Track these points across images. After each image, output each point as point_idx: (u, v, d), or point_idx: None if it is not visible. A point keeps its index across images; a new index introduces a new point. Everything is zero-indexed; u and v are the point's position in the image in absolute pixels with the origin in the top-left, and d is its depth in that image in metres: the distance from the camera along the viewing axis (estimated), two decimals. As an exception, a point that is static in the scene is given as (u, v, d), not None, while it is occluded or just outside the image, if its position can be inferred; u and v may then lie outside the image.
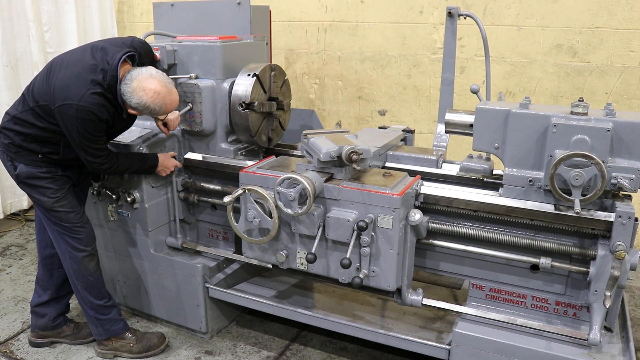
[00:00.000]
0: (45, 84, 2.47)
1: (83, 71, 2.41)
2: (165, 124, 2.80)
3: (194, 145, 3.09)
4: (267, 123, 3.05)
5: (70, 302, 3.07)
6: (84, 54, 2.50)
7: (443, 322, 2.75)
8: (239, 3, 3.49)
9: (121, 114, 2.55)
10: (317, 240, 2.35)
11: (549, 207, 2.26)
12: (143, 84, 2.43)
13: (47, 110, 2.47)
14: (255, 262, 2.84)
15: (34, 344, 3.00)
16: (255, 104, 2.85)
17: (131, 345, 2.90)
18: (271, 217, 2.38)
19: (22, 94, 2.61)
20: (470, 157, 2.72)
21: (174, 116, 2.82)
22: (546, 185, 2.22)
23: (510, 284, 2.45)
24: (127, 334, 2.91)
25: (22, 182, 2.65)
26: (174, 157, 2.93)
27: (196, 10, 3.60)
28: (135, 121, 2.82)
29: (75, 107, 2.37)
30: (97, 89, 2.40)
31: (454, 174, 2.68)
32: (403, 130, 3.20)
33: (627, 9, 3.77)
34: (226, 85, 2.95)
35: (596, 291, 2.17)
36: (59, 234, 2.72)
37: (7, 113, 2.64)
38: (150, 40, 3.00)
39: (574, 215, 2.15)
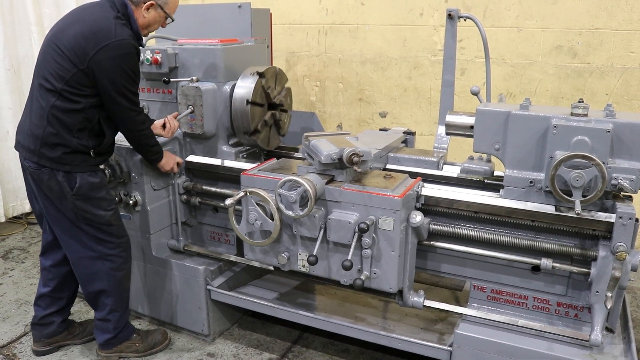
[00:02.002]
0: (59, 57, 2.38)
1: (99, 13, 2.42)
2: (164, 126, 2.82)
3: (196, 148, 3.10)
4: (268, 120, 3.07)
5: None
6: (82, 8, 2.51)
7: (444, 323, 2.75)
8: (239, 6, 3.50)
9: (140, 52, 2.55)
10: (318, 242, 2.36)
11: (549, 208, 2.26)
12: None
13: (78, 79, 2.37)
14: (256, 264, 2.85)
15: (41, 353, 2.94)
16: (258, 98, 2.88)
17: (137, 345, 2.91)
18: (272, 220, 2.39)
19: (37, 95, 2.46)
20: (471, 158, 2.73)
21: (173, 120, 2.84)
22: (547, 187, 2.22)
23: (512, 285, 2.45)
24: (133, 335, 2.92)
25: (81, 195, 2.51)
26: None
27: (197, 14, 3.62)
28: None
29: (113, 45, 2.35)
30: (122, 21, 2.44)
31: (455, 175, 2.69)
32: (404, 132, 3.21)
33: (627, 10, 3.77)
34: (227, 88, 2.96)
35: (597, 292, 2.17)
36: (102, 255, 2.64)
37: (31, 134, 2.45)
38: (151, 43, 3.02)
39: (575, 216, 2.15)
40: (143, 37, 2.64)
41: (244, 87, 2.90)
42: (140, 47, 2.56)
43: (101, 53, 2.35)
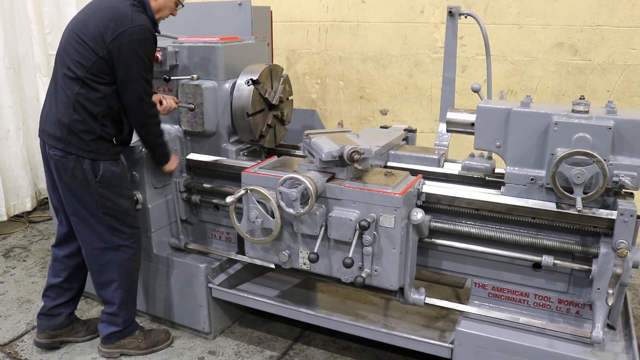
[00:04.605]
0: (81, 46, 2.45)
1: (117, 2, 2.49)
2: (160, 103, 2.82)
3: (196, 146, 3.10)
4: (272, 122, 3.06)
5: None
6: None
7: (446, 321, 2.75)
8: (240, 4, 3.50)
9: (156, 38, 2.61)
10: (319, 240, 2.36)
11: (550, 206, 2.26)
12: None
13: (99, 67, 2.45)
14: (257, 262, 2.85)
15: (43, 345, 2.95)
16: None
17: (139, 341, 2.92)
18: (273, 217, 2.39)
19: (62, 84, 2.50)
20: (472, 156, 2.73)
21: (170, 98, 2.85)
22: (548, 184, 2.22)
23: (513, 283, 2.45)
24: (136, 331, 2.94)
25: (104, 183, 2.58)
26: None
27: (198, 12, 3.61)
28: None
29: (130, 31, 2.42)
30: (138, 7, 2.50)
31: (456, 172, 2.69)
32: (405, 130, 3.20)
33: (628, 6, 3.76)
34: (228, 85, 2.96)
35: (599, 289, 2.17)
36: (114, 246, 2.69)
37: (57, 122, 2.50)
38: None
39: (576, 213, 2.15)
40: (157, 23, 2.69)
41: (242, 99, 2.89)
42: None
43: (119, 39, 2.42)
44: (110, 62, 2.45)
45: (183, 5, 2.74)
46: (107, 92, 2.50)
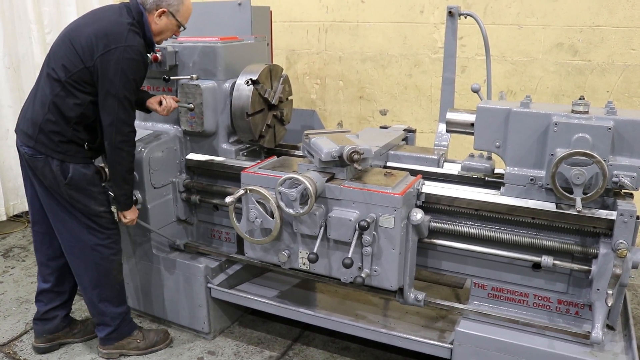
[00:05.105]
0: (70, 52, 2.45)
1: (114, 17, 2.49)
2: (160, 104, 2.81)
3: (196, 146, 3.10)
4: (271, 122, 3.06)
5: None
6: (102, 10, 2.59)
7: (445, 321, 2.75)
8: (239, 4, 3.50)
9: (148, 61, 2.61)
10: (318, 240, 2.35)
11: (550, 206, 2.26)
12: None
13: (82, 75, 2.44)
14: (257, 262, 2.85)
15: (42, 350, 2.94)
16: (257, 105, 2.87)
17: (138, 341, 2.91)
18: (273, 218, 2.39)
19: (43, 84, 2.52)
20: (472, 156, 2.73)
21: (170, 99, 2.83)
22: (547, 184, 2.22)
23: (513, 283, 2.45)
24: (135, 331, 2.93)
25: (73, 185, 2.55)
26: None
27: (197, 11, 3.57)
28: (136, 122, 2.81)
29: (121, 49, 2.41)
30: (135, 28, 2.49)
31: (456, 173, 2.68)
32: (404, 130, 3.20)
33: (628, 7, 3.76)
34: (227, 85, 2.96)
35: (598, 289, 2.17)
36: (91, 244, 2.67)
37: (30, 120, 2.53)
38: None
39: (576, 213, 2.15)
40: (155, 44, 2.68)
41: (241, 99, 2.89)
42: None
43: (108, 55, 2.41)
44: (95, 74, 2.44)
45: (185, 28, 2.70)
46: (85, 100, 2.49)
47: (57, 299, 2.90)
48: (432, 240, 2.48)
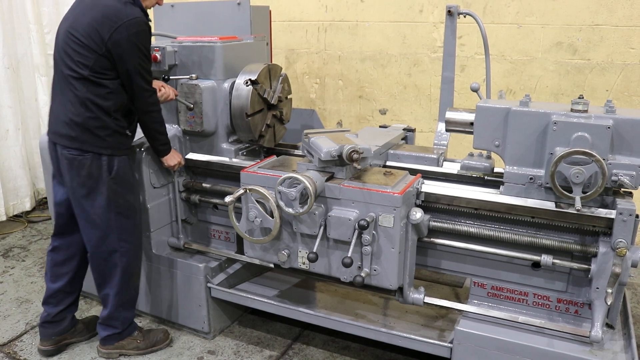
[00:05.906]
0: (79, 47, 2.46)
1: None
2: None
3: (195, 145, 3.10)
4: (271, 122, 3.06)
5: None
6: None
7: (445, 320, 2.75)
8: (239, 3, 3.49)
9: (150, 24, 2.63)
10: (318, 240, 2.36)
11: (549, 205, 2.26)
12: None
13: (101, 64, 2.46)
14: (257, 261, 2.84)
15: (49, 353, 2.92)
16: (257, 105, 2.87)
17: (138, 341, 2.91)
18: (272, 217, 2.39)
19: (68, 86, 2.51)
20: (471, 155, 2.73)
21: (169, 88, 2.85)
22: (547, 183, 2.22)
23: (512, 282, 2.46)
24: (135, 332, 2.93)
25: (119, 179, 2.62)
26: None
27: (196, 11, 3.61)
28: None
29: (126, 25, 2.43)
30: (128, 0, 2.52)
31: (455, 172, 2.68)
32: (404, 129, 3.20)
33: (627, 6, 3.76)
34: (227, 85, 2.96)
35: (598, 288, 2.17)
36: (121, 250, 2.70)
37: (71, 122, 2.51)
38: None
39: (575, 212, 2.15)
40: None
41: (240, 99, 2.89)
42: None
43: (116, 34, 2.44)
44: (111, 58, 2.47)
45: None
46: (114, 86, 2.53)
47: (67, 300, 2.89)
48: (431, 239, 2.48)
